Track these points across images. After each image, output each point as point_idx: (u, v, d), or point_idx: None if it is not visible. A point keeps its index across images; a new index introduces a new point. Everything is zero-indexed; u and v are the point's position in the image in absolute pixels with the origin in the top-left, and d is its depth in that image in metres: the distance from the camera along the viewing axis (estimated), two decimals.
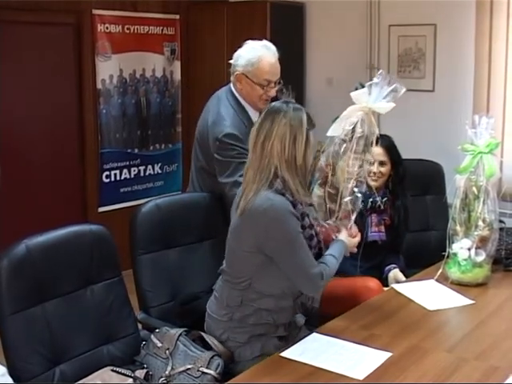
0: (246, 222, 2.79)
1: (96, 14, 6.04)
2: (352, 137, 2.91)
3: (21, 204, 5.65)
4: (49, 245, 2.85)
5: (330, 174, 2.83)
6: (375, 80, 2.92)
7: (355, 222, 3.82)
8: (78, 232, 3.00)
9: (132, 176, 6.48)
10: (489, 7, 5.25)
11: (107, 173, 6.28)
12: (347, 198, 2.94)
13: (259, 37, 5.97)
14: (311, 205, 2.98)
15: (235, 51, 4.25)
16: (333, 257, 2.94)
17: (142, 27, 6.40)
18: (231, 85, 3.78)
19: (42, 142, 5.82)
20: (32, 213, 5.67)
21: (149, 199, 3.56)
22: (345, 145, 2.93)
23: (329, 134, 2.90)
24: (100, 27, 6.08)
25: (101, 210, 6.21)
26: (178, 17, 6.71)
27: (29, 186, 5.74)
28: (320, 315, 3.64)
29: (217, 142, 3.54)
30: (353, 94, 2.93)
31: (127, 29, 6.27)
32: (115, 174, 6.33)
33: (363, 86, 3.05)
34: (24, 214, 5.62)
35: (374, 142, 3.01)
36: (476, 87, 5.45)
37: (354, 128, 2.91)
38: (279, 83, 3.61)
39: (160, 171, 6.73)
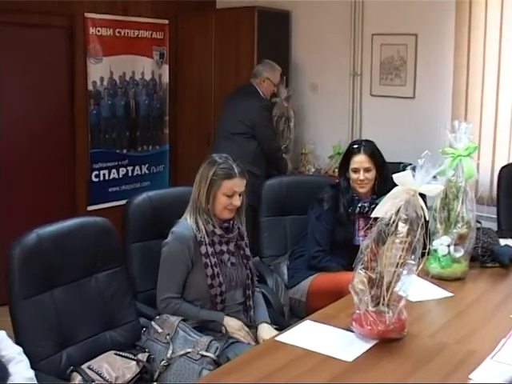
0: None
1: (88, 18, 6.18)
2: (396, 220, 2.75)
3: (12, 201, 5.77)
4: (58, 234, 3.04)
5: (371, 259, 2.77)
6: (419, 162, 2.77)
7: (343, 226, 4.07)
8: (85, 223, 3.19)
9: (120, 176, 6.62)
10: (467, 20, 5.44)
11: (96, 172, 6.41)
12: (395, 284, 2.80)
13: (246, 43, 6.25)
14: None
15: (223, 56, 5.20)
16: (200, 309, 3.34)
17: (132, 31, 6.55)
18: None
19: (33, 141, 5.93)
20: (23, 210, 5.78)
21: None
22: (388, 228, 2.78)
23: (373, 215, 2.87)
24: (92, 30, 6.22)
25: (90, 208, 6.33)
26: (167, 22, 6.87)
27: (20, 184, 5.85)
28: (306, 308, 3.87)
29: None
30: (396, 177, 2.79)
31: (118, 32, 6.42)
32: (104, 174, 6.46)
33: (405, 169, 2.83)
34: (15, 211, 5.74)
35: (420, 226, 2.77)
36: (454, 94, 5.64)
37: (398, 211, 2.76)
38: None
39: (147, 172, 6.87)
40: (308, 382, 2.47)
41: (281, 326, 3.40)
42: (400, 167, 2.90)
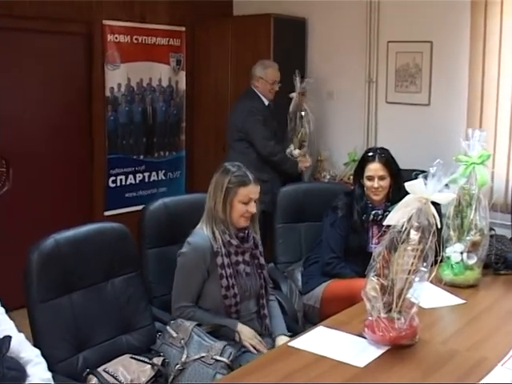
0: None
1: (106, 25, 6.25)
2: (408, 227, 2.78)
3: (30, 206, 5.82)
4: (75, 239, 3.10)
5: (384, 266, 2.81)
6: (431, 170, 2.78)
7: (357, 233, 4.10)
8: (102, 229, 3.25)
9: (137, 181, 6.67)
10: (482, 28, 5.45)
11: (113, 178, 6.47)
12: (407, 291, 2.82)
13: (263, 50, 6.28)
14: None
15: (239, 63, 5.16)
16: (213, 316, 3.37)
17: (149, 38, 6.60)
18: None
19: (52, 146, 5.99)
20: (41, 215, 5.83)
21: None
22: (400, 236, 2.80)
23: (385, 223, 2.89)
24: (110, 37, 6.28)
25: (107, 213, 6.38)
26: (183, 29, 6.92)
27: (39, 189, 5.91)
28: (320, 314, 3.90)
29: None
30: (408, 185, 2.82)
31: (135, 39, 6.48)
32: (121, 180, 6.51)
33: (417, 177, 2.85)
34: (33, 215, 5.80)
35: (432, 233, 2.79)
36: (470, 102, 5.63)
37: (410, 219, 2.77)
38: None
39: (164, 177, 6.91)
40: None
41: (294, 332, 3.43)
42: (412, 175, 2.92)
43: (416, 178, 2.80)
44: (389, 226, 3.86)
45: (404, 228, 2.76)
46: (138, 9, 6.50)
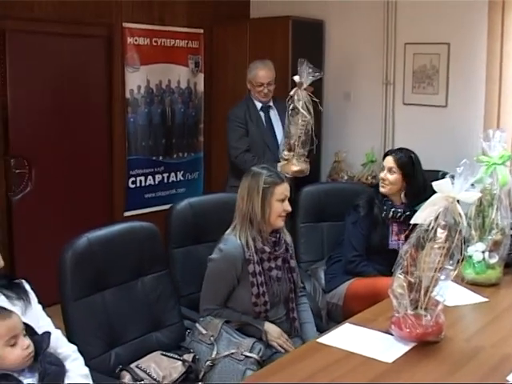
0: None
1: (126, 27, 6.31)
2: (435, 226, 2.81)
3: (51, 207, 5.90)
4: (107, 238, 3.18)
5: (410, 264, 2.85)
6: (458, 170, 2.82)
7: (378, 230, 4.17)
8: (132, 228, 3.33)
9: (156, 182, 6.72)
10: (500, 29, 5.49)
11: (133, 179, 6.53)
12: (433, 288, 2.87)
13: (281, 52, 6.33)
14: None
15: None
16: (240, 315, 3.41)
17: (168, 40, 6.67)
18: None
19: (73, 148, 6.05)
20: (62, 215, 5.94)
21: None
22: (427, 234, 2.83)
23: (412, 221, 2.91)
24: (129, 40, 6.35)
25: (126, 214, 6.44)
26: (202, 31, 6.98)
27: (60, 190, 5.98)
28: (343, 312, 3.96)
29: None
30: (435, 184, 2.85)
31: (155, 41, 6.54)
32: (140, 180, 6.57)
33: (444, 176, 2.92)
34: (54, 216, 5.89)
35: (458, 232, 2.82)
36: (487, 103, 5.67)
37: (437, 217, 2.80)
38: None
39: (182, 178, 6.97)
40: (351, 382, 2.56)
41: (319, 330, 3.50)
42: (439, 175, 2.97)
43: (443, 178, 2.85)
44: (409, 225, 3.97)
45: (431, 226, 2.80)
46: (157, 11, 6.57)
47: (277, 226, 3.45)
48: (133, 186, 6.55)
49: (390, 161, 4.27)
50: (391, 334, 2.94)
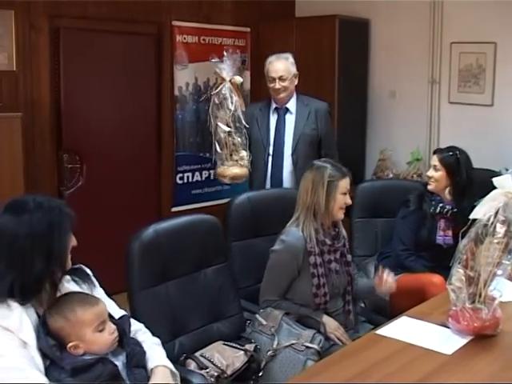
0: None
1: (175, 26, 6.43)
2: (494, 221, 2.84)
3: (101, 200, 6.02)
4: (173, 230, 3.28)
5: (469, 258, 2.88)
6: None
7: (427, 225, 4.23)
8: (196, 220, 3.44)
9: (203, 178, 6.82)
10: None
11: (181, 175, 6.63)
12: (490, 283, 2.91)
13: (327, 51, 6.38)
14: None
15: (302, 63, 4.83)
16: (299, 307, 3.48)
17: (215, 38, 6.77)
18: None
19: (123, 144, 6.16)
20: (111, 209, 6.05)
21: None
22: (486, 229, 2.86)
23: (471, 216, 2.92)
24: (178, 38, 6.46)
25: (174, 209, 6.55)
26: (248, 29, 7.08)
27: (109, 185, 6.09)
28: (390, 307, 4.02)
29: None
30: (496, 180, 2.87)
31: (203, 40, 6.64)
32: (188, 177, 6.68)
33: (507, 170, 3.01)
34: (104, 210, 6.00)
35: None
36: None
37: (496, 213, 2.83)
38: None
39: None
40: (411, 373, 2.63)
41: (372, 322, 3.57)
42: (501, 171, 3.01)
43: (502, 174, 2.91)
44: (456, 221, 4.01)
45: (490, 221, 2.85)
46: (205, 10, 6.67)
47: (338, 218, 3.54)
48: (180, 182, 6.65)
49: (434, 159, 4.38)
50: (448, 327, 3.00)
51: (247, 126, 4.85)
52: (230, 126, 4.73)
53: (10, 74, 5.33)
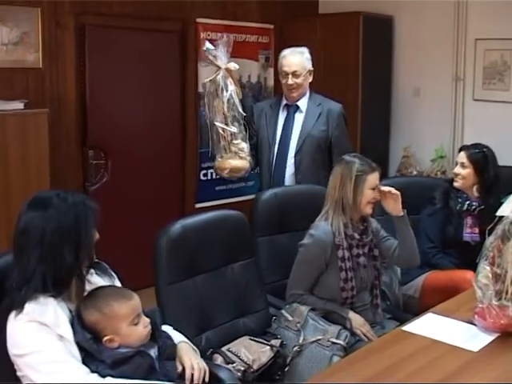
0: None
1: (199, 23, 6.44)
2: None
3: (126, 196, 6.05)
4: (200, 225, 3.31)
5: (496, 255, 2.88)
6: None
7: (453, 222, 4.22)
8: (223, 216, 3.46)
9: None
10: None
11: (204, 171, 6.65)
12: None
13: (351, 48, 6.37)
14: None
15: (327, 60, 4.64)
16: (325, 302, 3.49)
17: (239, 35, 6.79)
18: None
19: (148, 140, 6.19)
20: (136, 205, 6.07)
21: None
22: None
23: (498, 213, 2.98)
24: (202, 34, 6.47)
25: (197, 206, 6.57)
26: (272, 26, 7.09)
27: (134, 181, 6.11)
28: (420, 305, 4.02)
29: None
30: None
31: (226, 37, 6.66)
32: (212, 173, 6.65)
33: None
34: (128, 206, 6.03)
35: None
36: None
37: None
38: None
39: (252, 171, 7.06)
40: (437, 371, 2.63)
41: (398, 319, 3.58)
42: None
43: None
44: (483, 218, 4.00)
45: None
46: (229, 7, 6.70)
47: (366, 212, 3.54)
48: (204, 178, 6.68)
49: (462, 156, 4.37)
50: (474, 324, 3.00)
51: (244, 114, 4.52)
52: (226, 116, 4.43)
53: (36, 71, 5.37)
